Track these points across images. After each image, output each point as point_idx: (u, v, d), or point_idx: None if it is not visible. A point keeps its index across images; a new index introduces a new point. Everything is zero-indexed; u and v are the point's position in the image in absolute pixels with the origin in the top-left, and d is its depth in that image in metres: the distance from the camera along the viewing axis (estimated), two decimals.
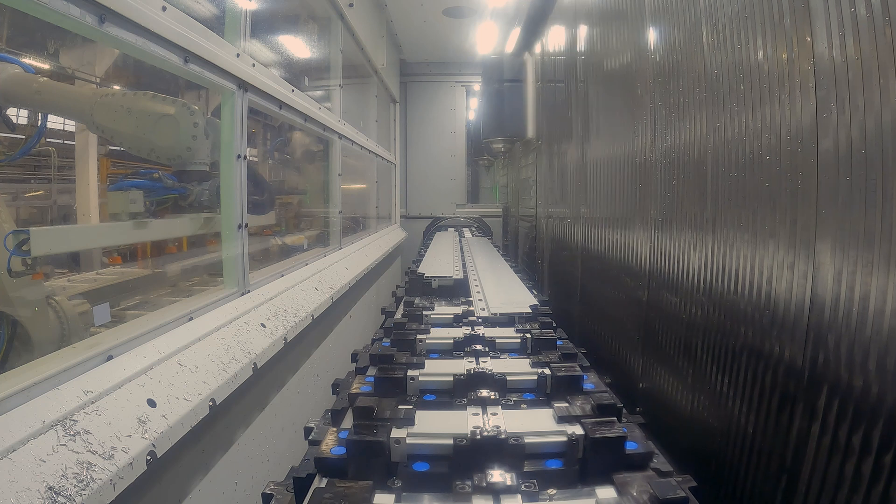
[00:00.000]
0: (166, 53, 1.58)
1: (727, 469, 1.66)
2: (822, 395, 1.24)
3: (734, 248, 1.61)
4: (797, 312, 1.33)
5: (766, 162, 1.46)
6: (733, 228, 1.63)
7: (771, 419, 1.46)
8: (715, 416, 1.74)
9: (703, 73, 1.78)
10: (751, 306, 1.54)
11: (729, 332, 1.64)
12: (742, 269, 1.56)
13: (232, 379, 1.65)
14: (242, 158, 2.14)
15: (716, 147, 1.73)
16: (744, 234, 1.55)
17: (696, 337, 1.86)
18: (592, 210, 3.21)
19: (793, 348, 1.37)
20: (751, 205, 1.55)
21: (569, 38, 3.74)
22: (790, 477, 1.37)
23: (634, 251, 2.46)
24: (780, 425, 1.42)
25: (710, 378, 1.77)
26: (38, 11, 1.15)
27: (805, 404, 1.32)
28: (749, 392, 1.54)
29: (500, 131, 5.71)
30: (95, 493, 1.00)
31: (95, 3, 1.25)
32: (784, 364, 1.40)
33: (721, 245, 1.68)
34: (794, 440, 1.36)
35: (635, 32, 2.38)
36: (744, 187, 1.60)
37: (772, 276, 1.44)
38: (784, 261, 1.38)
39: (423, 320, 2.06)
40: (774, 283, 1.41)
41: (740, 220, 1.60)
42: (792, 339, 1.37)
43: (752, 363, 1.52)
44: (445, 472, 1.08)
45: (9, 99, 2.87)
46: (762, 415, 1.50)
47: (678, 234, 2.01)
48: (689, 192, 1.92)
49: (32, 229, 1.89)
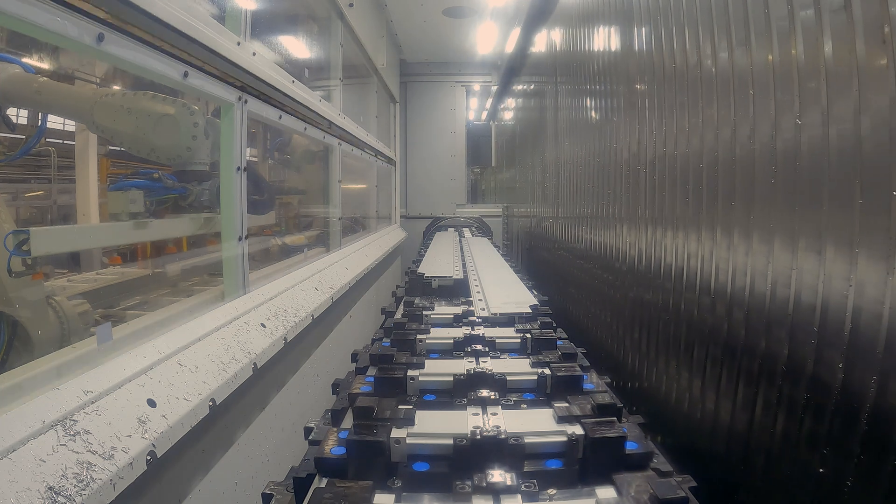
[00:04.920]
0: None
1: (714, 466, 1.66)
2: (823, 395, 1.24)
3: (734, 247, 1.61)
4: (799, 312, 1.33)
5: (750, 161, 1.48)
6: (734, 228, 1.63)
7: (769, 418, 1.46)
8: (711, 413, 1.74)
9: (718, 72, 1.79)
10: (754, 305, 1.55)
11: (729, 332, 1.64)
12: (758, 270, 1.56)
13: (232, 379, 1.65)
14: (242, 170, 2.14)
15: (700, 149, 1.76)
16: (746, 233, 1.56)
17: (693, 336, 1.86)
18: (571, 210, 3.25)
19: (792, 348, 1.37)
20: (741, 203, 1.57)
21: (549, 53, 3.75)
22: (790, 477, 1.37)
23: (620, 248, 2.46)
24: (780, 425, 1.42)
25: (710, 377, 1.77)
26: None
27: (806, 404, 1.32)
28: (747, 391, 1.54)
29: (476, 161, 9.04)
30: (95, 493, 1.01)
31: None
32: (783, 363, 1.40)
33: (722, 244, 1.68)
34: (795, 440, 1.36)
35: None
36: (732, 185, 1.61)
37: (775, 277, 1.44)
38: (784, 261, 1.38)
39: (423, 320, 2.06)
40: (778, 284, 1.41)
41: (737, 219, 1.60)
42: (792, 338, 1.37)
43: (751, 362, 1.52)
44: (445, 472, 1.08)
45: (9, 99, 2.87)
46: (758, 414, 1.50)
47: (669, 232, 2.03)
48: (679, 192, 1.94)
49: (32, 229, 1.89)
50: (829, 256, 1.21)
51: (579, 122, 3.43)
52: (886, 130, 1.05)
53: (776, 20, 1.37)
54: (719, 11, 1.65)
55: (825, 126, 1.21)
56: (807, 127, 1.28)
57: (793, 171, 1.33)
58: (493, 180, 9.64)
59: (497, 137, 8.83)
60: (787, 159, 1.36)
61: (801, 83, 1.29)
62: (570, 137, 3.69)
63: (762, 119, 1.45)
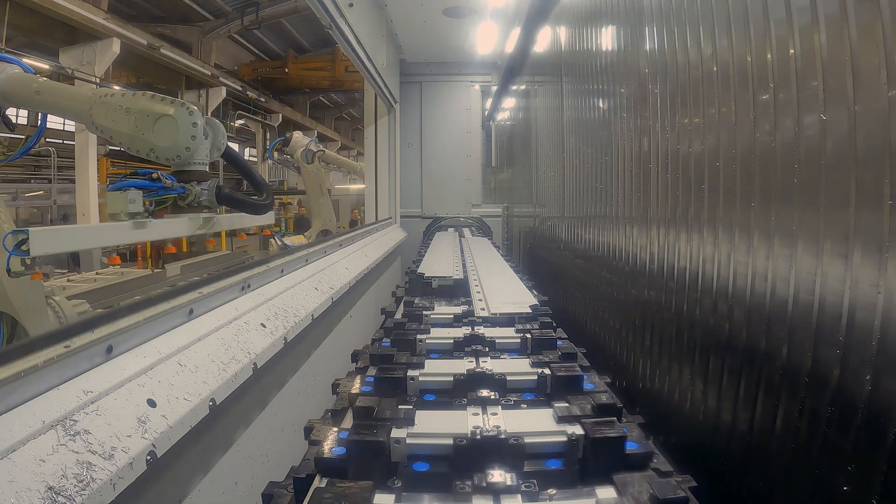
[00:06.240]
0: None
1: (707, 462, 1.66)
2: (848, 407, 1.19)
3: (754, 251, 1.56)
4: (823, 320, 1.27)
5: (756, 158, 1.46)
6: (735, 228, 1.62)
7: (768, 418, 1.46)
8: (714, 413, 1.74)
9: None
10: (756, 305, 1.54)
11: (747, 340, 1.59)
12: (763, 271, 1.53)
13: (232, 379, 1.65)
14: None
15: (717, 147, 1.73)
16: (766, 236, 1.50)
17: (695, 335, 1.86)
18: (576, 209, 3.23)
19: (792, 347, 1.37)
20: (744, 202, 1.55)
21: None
22: (790, 477, 1.37)
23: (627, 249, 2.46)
24: (780, 425, 1.42)
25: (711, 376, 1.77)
26: None
27: (806, 404, 1.31)
28: (767, 403, 1.50)
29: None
30: (95, 493, 1.00)
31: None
32: (782, 363, 1.40)
33: (741, 247, 1.64)
34: (794, 440, 1.36)
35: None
36: (734, 184, 1.59)
37: (775, 276, 1.43)
38: (808, 265, 1.33)
39: (423, 320, 2.06)
40: (801, 290, 1.36)
41: (737, 219, 1.59)
42: (791, 338, 1.37)
43: (773, 372, 1.47)
44: (445, 472, 1.08)
45: (9, 99, 2.87)
46: (758, 413, 1.50)
47: (679, 232, 2.00)
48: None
49: (31, 229, 1.89)
50: (856, 261, 1.15)
51: (587, 120, 3.37)
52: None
53: (797, 11, 1.30)
54: (736, 1, 1.56)
55: (851, 122, 1.14)
56: (832, 123, 1.20)
57: (817, 170, 1.25)
58: (493, 180, 9.63)
59: (497, 137, 8.81)
60: (810, 157, 1.27)
61: (825, 77, 1.21)
62: (576, 135, 3.64)
63: (784, 115, 1.37)
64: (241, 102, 16.67)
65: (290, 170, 7.36)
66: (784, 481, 1.39)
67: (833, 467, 1.21)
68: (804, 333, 1.32)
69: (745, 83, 1.55)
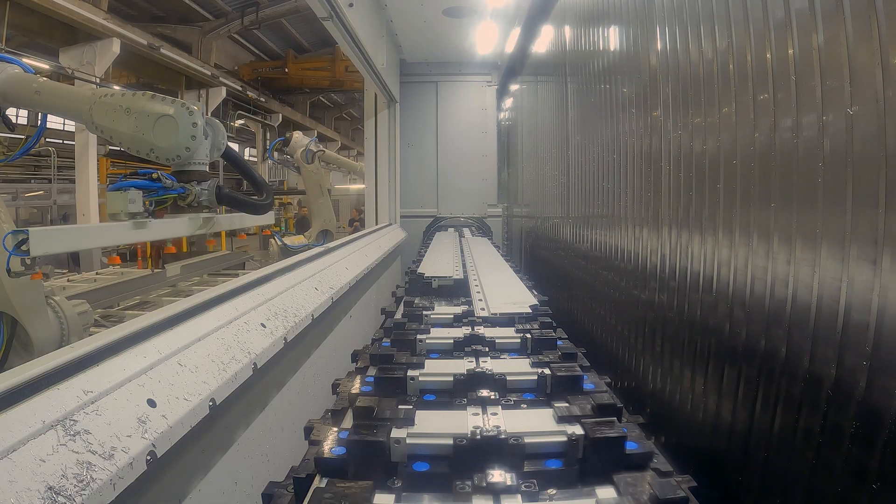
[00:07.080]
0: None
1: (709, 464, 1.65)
2: (875, 424, 1.16)
3: (774, 255, 1.52)
4: (849, 330, 1.22)
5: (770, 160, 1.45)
6: (753, 230, 1.58)
7: (767, 419, 1.45)
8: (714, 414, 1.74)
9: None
10: (756, 306, 1.54)
11: (766, 348, 1.54)
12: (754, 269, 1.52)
13: (232, 379, 1.65)
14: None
15: (733, 145, 1.68)
16: (787, 238, 1.45)
17: (708, 341, 1.85)
18: (581, 210, 3.22)
19: (791, 348, 1.37)
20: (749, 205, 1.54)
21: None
22: (790, 477, 1.37)
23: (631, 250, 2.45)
24: (779, 424, 1.42)
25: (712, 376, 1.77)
26: None
27: (855, 433, 1.24)
28: (787, 417, 1.45)
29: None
30: (95, 493, 1.00)
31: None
32: (782, 363, 1.40)
33: (759, 251, 1.59)
34: (795, 439, 1.36)
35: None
36: (752, 183, 1.56)
37: (796, 282, 1.38)
38: (807, 265, 1.33)
39: (423, 320, 2.06)
40: (801, 290, 1.35)
41: (755, 220, 1.55)
42: (790, 339, 1.37)
43: (792, 383, 1.43)
44: (445, 472, 1.08)
45: (9, 99, 2.87)
46: (758, 414, 1.49)
47: (692, 233, 1.95)
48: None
49: (31, 229, 1.89)
50: (885, 266, 1.08)
51: (593, 120, 3.32)
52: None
53: (821, 1, 1.24)
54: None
55: (880, 117, 1.07)
56: (859, 118, 1.13)
57: (843, 169, 1.19)
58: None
59: (496, 137, 8.81)
60: (836, 155, 1.20)
61: (852, 70, 1.14)
62: (581, 134, 3.61)
63: (807, 111, 1.30)
64: (241, 102, 16.67)
65: (290, 170, 7.35)
66: (783, 481, 1.39)
67: (833, 468, 1.21)
68: (828, 343, 1.24)
69: (763, 78, 1.48)
